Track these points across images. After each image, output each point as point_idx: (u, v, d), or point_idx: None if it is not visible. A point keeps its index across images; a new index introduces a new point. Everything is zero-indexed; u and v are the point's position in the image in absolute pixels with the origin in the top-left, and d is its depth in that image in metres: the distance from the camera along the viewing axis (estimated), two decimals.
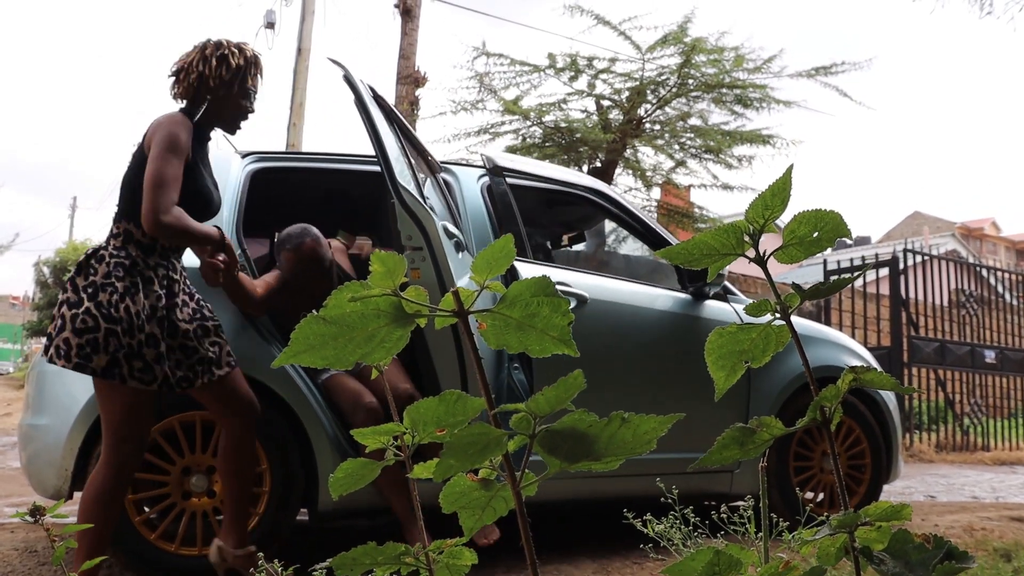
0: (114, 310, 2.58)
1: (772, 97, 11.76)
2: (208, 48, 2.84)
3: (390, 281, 0.69)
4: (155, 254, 2.70)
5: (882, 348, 10.18)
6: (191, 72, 2.80)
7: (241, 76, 2.85)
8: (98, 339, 2.56)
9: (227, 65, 2.81)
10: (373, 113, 3.14)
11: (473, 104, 12.42)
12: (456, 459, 0.70)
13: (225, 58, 2.82)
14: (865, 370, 0.74)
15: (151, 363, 2.60)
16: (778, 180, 0.71)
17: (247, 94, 2.90)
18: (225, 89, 2.82)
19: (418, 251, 3.15)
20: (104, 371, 2.57)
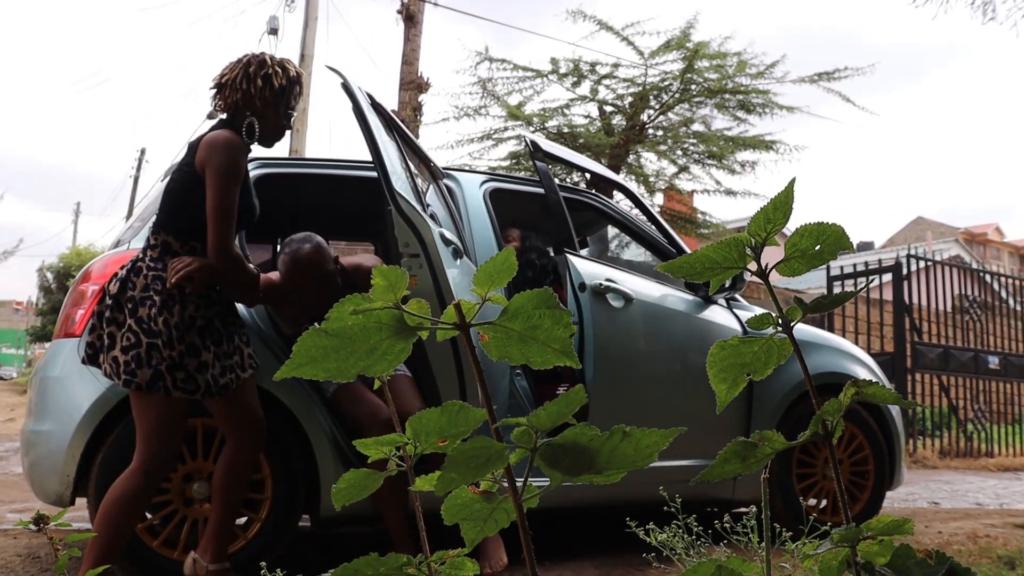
0: (153, 324, 2.64)
1: (775, 102, 11.79)
2: (252, 65, 2.83)
3: (392, 295, 0.70)
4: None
5: (885, 354, 10.16)
6: (235, 90, 2.81)
7: (285, 96, 2.87)
8: (140, 354, 2.62)
9: (271, 86, 2.82)
10: (370, 120, 3.15)
11: (476, 110, 12.46)
12: (458, 473, 0.70)
13: (269, 78, 2.82)
14: (867, 383, 0.74)
15: (193, 373, 2.65)
16: (780, 194, 0.71)
17: (288, 114, 2.92)
18: (269, 108, 2.84)
19: (415, 258, 3.16)
20: (149, 384, 2.61)
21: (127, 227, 3.96)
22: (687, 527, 1.41)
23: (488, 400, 0.72)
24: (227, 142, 2.70)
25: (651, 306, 3.88)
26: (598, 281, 3.69)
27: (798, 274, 0.75)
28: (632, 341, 3.80)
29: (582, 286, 3.66)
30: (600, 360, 3.62)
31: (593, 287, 3.66)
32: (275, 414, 3.21)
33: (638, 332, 3.83)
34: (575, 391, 0.71)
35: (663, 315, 3.93)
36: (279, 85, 2.83)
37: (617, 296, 3.74)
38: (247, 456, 2.85)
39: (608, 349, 3.67)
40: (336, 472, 3.27)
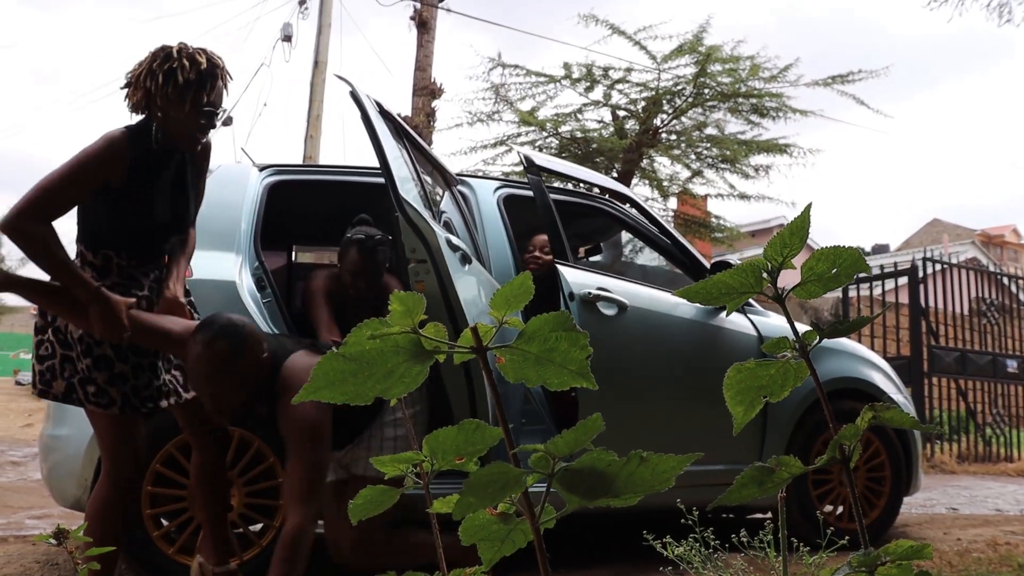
0: (69, 336, 2.55)
1: (788, 106, 11.75)
2: (157, 59, 2.51)
3: (409, 319, 0.70)
4: (111, 275, 2.60)
5: (901, 358, 10.10)
6: (139, 87, 2.52)
7: (193, 92, 2.50)
8: (55, 366, 2.55)
9: (174, 81, 2.48)
10: (377, 128, 3.16)
11: (489, 115, 12.48)
12: (475, 497, 0.71)
13: (173, 72, 2.48)
14: (884, 407, 0.74)
15: (104, 386, 2.53)
16: (796, 219, 0.71)
17: (202, 112, 2.55)
18: (174, 108, 2.51)
19: (422, 263, 3.18)
20: (63, 396, 2.56)
21: None
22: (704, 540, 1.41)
23: (505, 423, 0.73)
24: (104, 138, 2.51)
25: (650, 313, 3.87)
26: (587, 290, 3.70)
27: (814, 296, 0.75)
28: (625, 349, 3.78)
29: (571, 295, 3.67)
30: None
31: (581, 296, 3.67)
32: None
33: (632, 340, 3.81)
34: (594, 419, 0.71)
35: (663, 322, 3.91)
36: (184, 80, 2.47)
37: (610, 304, 3.74)
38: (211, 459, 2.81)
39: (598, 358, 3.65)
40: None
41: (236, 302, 3.34)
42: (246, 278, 3.44)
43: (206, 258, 3.32)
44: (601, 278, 3.85)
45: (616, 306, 3.76)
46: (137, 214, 2.59)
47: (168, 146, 2.62)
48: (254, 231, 3.59)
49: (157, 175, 2.63)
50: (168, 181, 2.68)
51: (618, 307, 3.76)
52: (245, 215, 3.60)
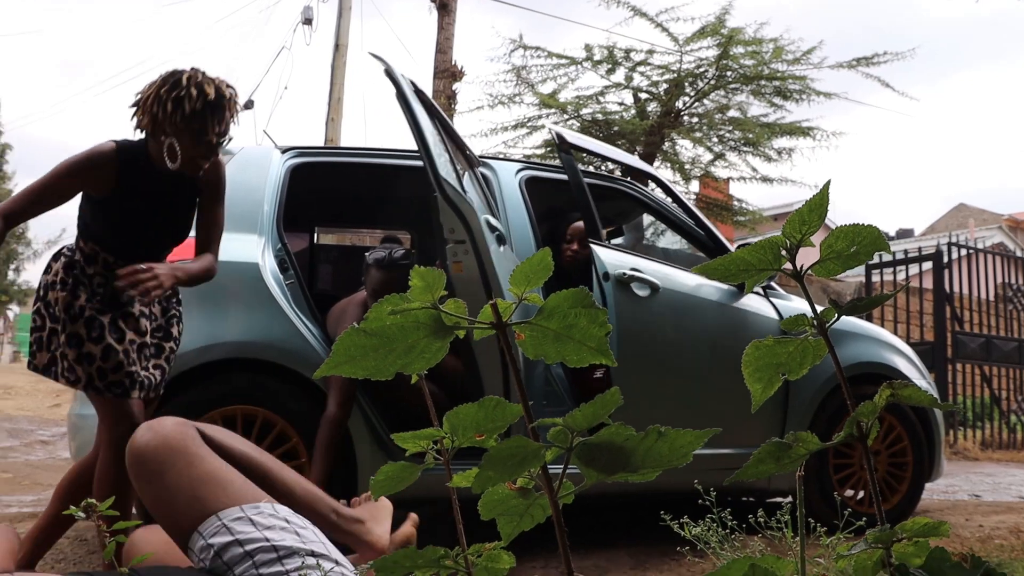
0: (57, 309, 2.58)
1: (812, 88, 11.64)
2: (165, 86, 2.57)
3: (429, 295, 0.71)
4: (95, 265, 2.64)
5: (925, 343, 10.02)
6: (145, 112, 2.58)
7: (199, 122, 2.56)
8: (42, 337, 2.59)
9: (182, 111, 2.54)
10: (415, 107, 3.15)
11: (510, 98, 12.45)
12: (495, 471, 0.71)
13: (180, 101, 2.53)
14: (902, 385, 0.74)
15: (73, 363, 2.54)
16: (815, 196, 0.71)
17: (204, 141, 2.60)
18: (178, 136, 2.57)
19: (460, 244, 3.17)
20: (44, 368, 2.58)
21: None
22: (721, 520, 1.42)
23: (525, 399, 0.73)
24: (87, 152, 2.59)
25: (680, 295, 3.86)
26: (622, 271, 3.69)
27: (833, 275, 0.75)
28: (658, 330, 3.79)
29: (606, 275, 3.65)
30: (624, 350, 3.61)
31: (617, 276, 3.66)
32: (316, 403, 3.26)
33: (665, 321, 3.81)
34: (611, 392, 0.72)
35: (693, 304, 3.91)
36: (191, 110, 2.53)
37: (643, 285, 3.73)
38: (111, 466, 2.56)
39: (632, 339, 3.66)
40: (373, 460, 3.31)
41: (259, 283, 3.37)
42: (269, 260, 3.46)
43: (229, 240, 3.34)
44: (634, 259, 3.84)
45: (649, 287, 3.75)
46: (122, 224, 2.66)
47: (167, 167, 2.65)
48: (276, 213, 3.61)
49: (148, 191, 2.66)
50: (162, 198, 2.71)
51: (650, 288, 3.75)
52: (267, 197, 3.62)
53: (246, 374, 3.30)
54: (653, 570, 3.34)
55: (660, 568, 3.35)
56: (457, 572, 0.94)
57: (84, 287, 2.60)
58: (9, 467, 6.79)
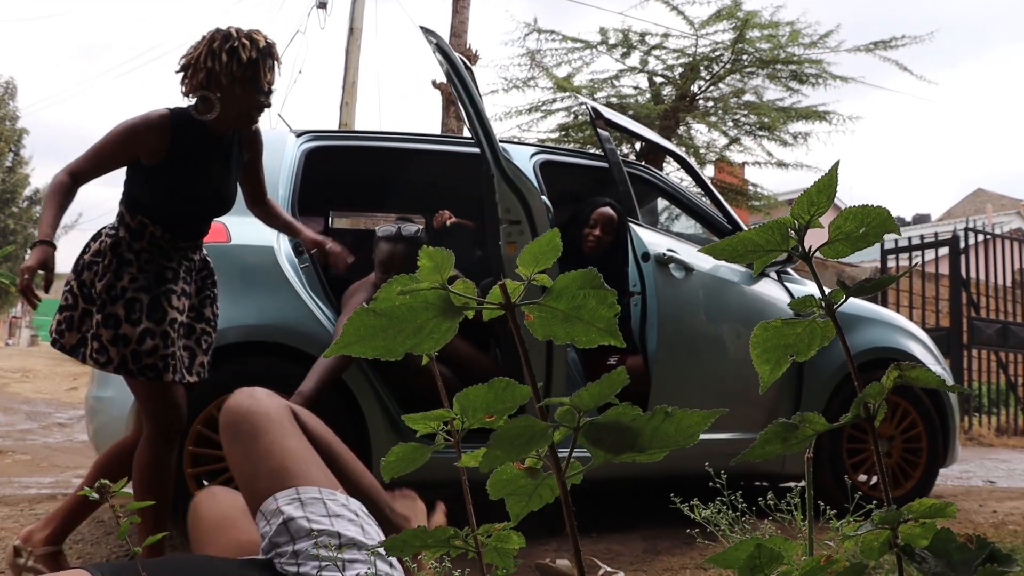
0: (92, 290, 2.57)
1: (829, 72, 11.55)
2: (216, 40, 2.61)
3: (438, 275, 0.71)
4: (142, 240, 2.63)
5: (941, 329, 9.97)
6: (199, 68, 2.61)
7: (256, 69, 2.61)
8: (73, 317, 2.58)
9: (238, 59, 2.58)
10: (470, 83, 3.13)
11: (525, 82, 12.41)
12: (503, 450, 0.72)
13: (235, 51, 2.58)
14: (910, 366, 0.74)
15: (106, 344, 2.53)
16: (824, 177, 0.71)
17: (261, 88, 2.66)
18: (237, 85, 2.61)
19: (516, 224, 3.15)
20: (71, 349, 2.58)
21: None
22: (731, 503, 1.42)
23: (533, 378, 0.74)
24: (140, 117, 2.61)
25: (709, 277, 3.85)
26: (661, 251, 3.67)
27: (842, 256, 0.75)
28: (694, 312, 3.78)
29: (645, 256, 3.63)
30: (664, 330, 3.60)
31: (657, 256, 3.64)
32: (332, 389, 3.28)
33: (699, 303, 3.81)
34: (618, 372, 0.72)
35: (720, 287, 3.90)
36: (247, 58, 2.59)
37: (679, 267, 3.72)
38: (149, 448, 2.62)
39: (671, 320, 3.66)
40: (387, 442, 3.33)
41: (274, 266, 3.38)
42: (284, 243, 3.47)
43: (244, 223, 3.36)
44: (669, 240, 3.84)
45: (683, 269, 3.74)
46: (173, 192, 2.65)
47: (218, 129, 2.70)
48: (292, 196, 3.62)
49: (199, 157, 2.68)
50: (212, 164, 2.73)
51: (685, 269, 3.74)
52: (283, 181, 3.63)
53: (261, 357, 3.32)
54: (665, 554, 3.35)
55: (672, 552, 3.36)
56: (467, 552, 0.95)
57: (129, 265, 2.59)
58: (28, 449, 6.87)
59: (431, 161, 4.46)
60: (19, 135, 31.53)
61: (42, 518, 2.75)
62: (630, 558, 3.29)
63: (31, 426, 8.77)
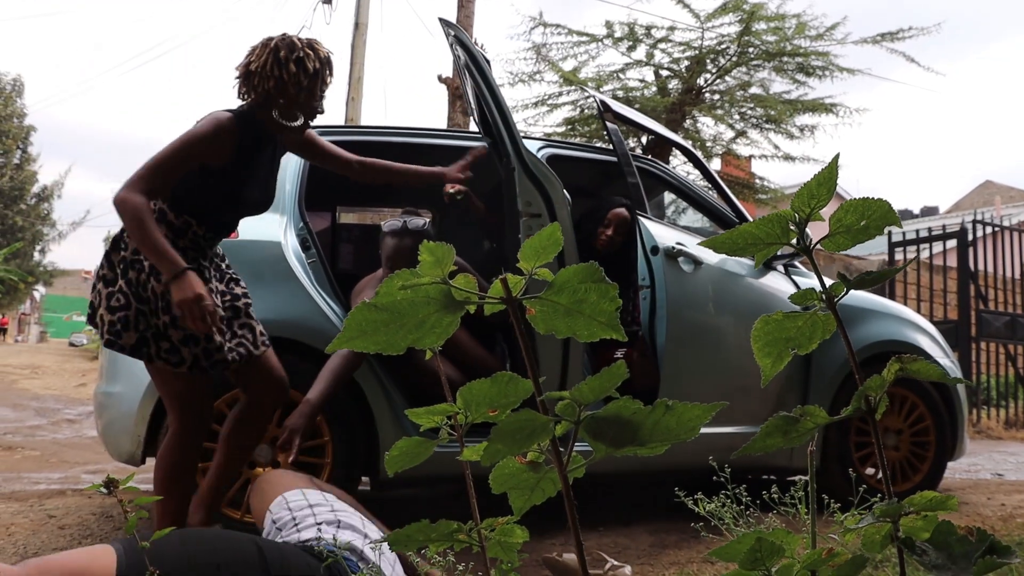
0: (142, 289, 2.59)
1: (835, 65, 11.51)
2: (282, 50, 2.68)
3: (439, 270, 0.71)
4: (185, 238, 2.67)
5: (949, 322, 9.93)
6: (267, 77, 2.67)
7: (320, 79, 2.75)
8: (129, 317, 2.58)
9: (304, 69, 2.69)
10: (490, 76, 3.12)
11: (531, 75, 12.41)
12: (504, 444, 0.72)
13: (302, 62, 2.69)
14: (911, 359, 0.74)
15: (178, 345, 2.59)
16: (824, 170, 0.71)
17: (322, 97, 2.80)
18: (303, 93, 2.72)
19: (536, 218, 3.15)
20: (132, 349, 2.59)
21: None
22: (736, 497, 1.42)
23: (535, 373, 0.74)
24: (212, 118, 2.66)
25: (718, 271, 3.84)
26: (670, 244, 3.66)
27: (843, 249, 0.75)
28: (702, 305, 3.77)
29: (654, 249, 3.63)
30: (672, 324, 3.60)
31: (666, 250, 3.64)
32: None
33: (707, 297, 3.80)
34: (617, 366, 0.72)
35: (728, 280, 3.89)
36: (313, 68, 2.71)
37: (687, 260, 3.71)
38: (263, 416, 2.83)
39: (680, 313, 3.65)
40: (395, 437, 3.33)
41: (281, 262, 3.38)
42: (291, 238, 3.48)
43: (251, 219, 3.37)
44: (677, 233, 3.83)
45: (692, 262, 3.73)
46: (230, 195, 2.73)
47: (273, 131, 2.79)
48: (298, 192, 3.62)
49: (255, 159, 2.77)
50: (262, 165, 2.81)
51: (694, 263, 3.73)
52: (289, 177, 3.63)
53: None
54: (672, 547, 3.35)
55: (679, 545, 3.36)
56: (471, 546, 0.95)
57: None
58: (37, 445, 6.90)
59: (437, 155, 4.46)
60: (27, 132, 31.61)
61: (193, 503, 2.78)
62: (637, 552, 3.30)
63: (40, 422, 8.81)
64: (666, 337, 3.59)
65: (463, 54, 3.25)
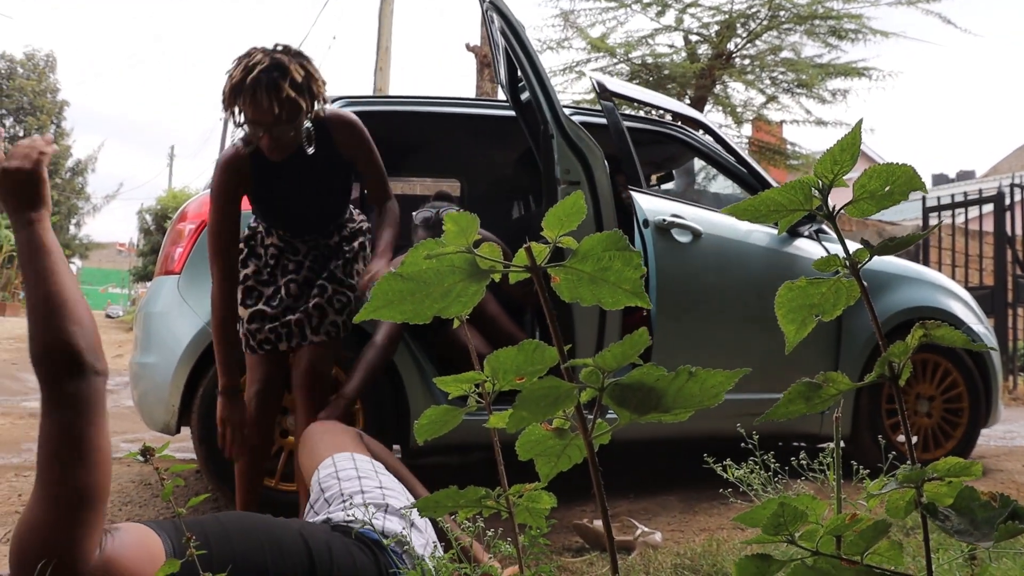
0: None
1: (869, 27, 11.28)
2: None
3: (463, 239, 0.72)
4: (272, 237, 2.87)
5: (984, 287, 9.79)
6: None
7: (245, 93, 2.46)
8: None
9: (231, 84, 2.49)
10: (526, 39, 3.11)
11: (559, 43, 12.29)
12: (528, 411, 0.73)
13: (230, 77, 2.50)
14: (936, 326, 0.73)
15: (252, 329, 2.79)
16: (847, 135, 0.70)
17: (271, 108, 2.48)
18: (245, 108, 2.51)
19: (575, 185, 3.14)
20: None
21: None
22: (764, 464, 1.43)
23: (559, 341, 0.74)
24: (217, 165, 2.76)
25: (724, 240, 3.80)
26: (661, 217, 3.65)
27: (867, 215, 0.74)
28: (700, 276, 3.75)
29: (645, 222, 3.63)
30: (663, 296, 3.59)
31: (656, 223, 3.63)
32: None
33: (708, 267, 3.77)
34: (639, 333, 0.73)
35: (738, 250, 3.86)
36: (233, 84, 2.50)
37: (684, 231, 3.69)
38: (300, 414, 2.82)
39: (671, 285, 3.64)
40: (425, 406, 3.36)
41: None
42: None
43: None
44: (676, 205, 3.80)
45: (691, 233, 3.71)
46: (270, 208, 2.84)
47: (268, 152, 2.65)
48: None
49: (279, 173, 2.74)
50: (289, 182, 2.76)
51: (692, 234, 3.72)
52: None
53: None
54: (703, 513, 3.37)
55: (709, 512, 3.38)
56: (500, 513, 0.97)
57: (256, 259, 2.87)
58: None
59: (465, 125, 4.45)
60: (60, 108, 31.91)
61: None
62: (667, 518, 3.32)
63: None
64: (656, 310, 3.58)
65: (498, 19, 3.23)
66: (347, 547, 1.58)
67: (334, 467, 1.98)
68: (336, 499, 1.81)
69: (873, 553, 0.72)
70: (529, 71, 3.11)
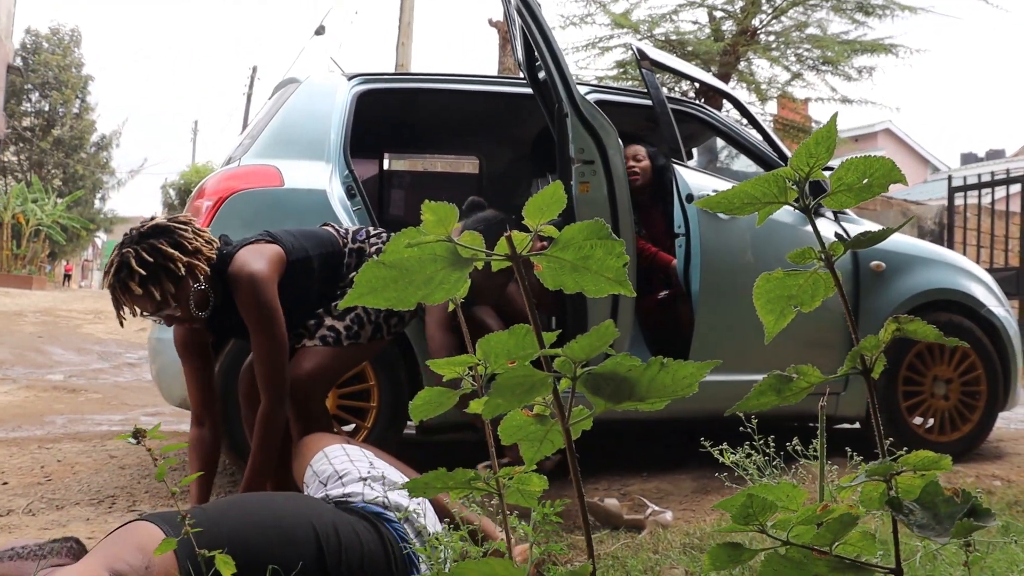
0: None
1: (896, 3, 11.10)
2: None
3: (443, 228, 0.72)
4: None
5: (1009, 269, 9.68)
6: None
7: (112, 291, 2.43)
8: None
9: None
10: (541, 16, 3.10)
11: (581, 18, 12.21)
12: (504, 398, 0.74)
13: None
14: (908, 319, 0.73)
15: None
16: (822, 129, 0.70)
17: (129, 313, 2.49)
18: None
19: (589, 164, 3.14)
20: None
21: (238, 144, 4.09)
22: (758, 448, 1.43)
23: (538, 327, 0.75)
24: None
25: (753, 217, 3.78)
26: (705, 192, 3.63)
27: (846, 207, 0.74)
28: (740, 253, 3.73)
29: (689, 197, 3.60)
30: (707, 272, 3.58)
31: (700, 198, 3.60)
32: None
33: (745, 244, 3.75)
34: (606, 325, 0.73)
35: (770, 228, 3.83)
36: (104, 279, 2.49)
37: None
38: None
39: (715, 261, 3.63)
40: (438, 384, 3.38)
41: (326, 210, 3.42)
42: (336, 186, 3.51)
43: (297, 167, 3.41)
44: (715, 180, 3.79)
45: None
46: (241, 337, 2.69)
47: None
48: (343, 140, 3.64)
49: (225, 319, 2.60)
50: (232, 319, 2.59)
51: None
52: (334, 125, 3.65)
53: None
54: (715, 494, 3.37)
55: (722, 493, 3.38)
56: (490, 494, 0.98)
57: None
58: (99, 388, 7.14)
59: (485, 102, 4.44)
60: (84, 82, 32.08)
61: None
62: (679, 498, 3.33)
63: (103, 366, 9.10)
64: (700, 285, 3.57)
65: None
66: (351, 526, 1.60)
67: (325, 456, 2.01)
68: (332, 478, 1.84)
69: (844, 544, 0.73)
70: (544, 50, 3.10)
